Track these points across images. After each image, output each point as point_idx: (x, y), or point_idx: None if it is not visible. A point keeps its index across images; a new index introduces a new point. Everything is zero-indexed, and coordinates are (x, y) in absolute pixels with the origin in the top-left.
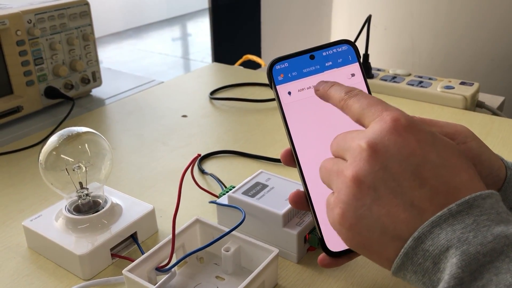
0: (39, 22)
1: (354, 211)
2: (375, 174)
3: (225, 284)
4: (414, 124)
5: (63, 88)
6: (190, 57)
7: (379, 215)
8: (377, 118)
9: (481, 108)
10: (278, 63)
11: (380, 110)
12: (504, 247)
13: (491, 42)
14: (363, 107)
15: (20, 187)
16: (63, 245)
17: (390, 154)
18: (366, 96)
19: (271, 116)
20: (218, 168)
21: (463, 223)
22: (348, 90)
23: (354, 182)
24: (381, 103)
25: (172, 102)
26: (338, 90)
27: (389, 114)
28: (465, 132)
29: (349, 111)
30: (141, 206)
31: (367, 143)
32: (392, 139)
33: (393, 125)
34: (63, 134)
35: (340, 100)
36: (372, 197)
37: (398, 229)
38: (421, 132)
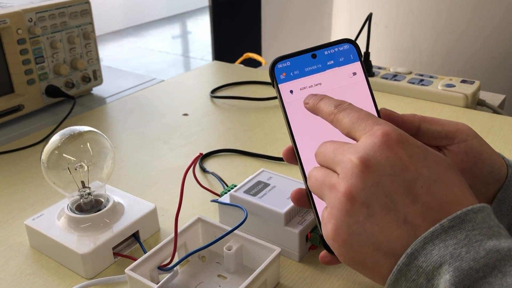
0: (40, 20)
1: (347, 227)
2: (368, 190)
3: (227, 282)
4: (405, 139)
5: (64, 86)
6: (190, 55)
7: (372, 232)
8: (368, 133)
9: (482, 106)
10: (280, 62)
11: (371, 124)
12: (497, 262)
13: (492, 40)
14: (353, 121)
15: (21, 186)
16: (66, 244)
17: (383, 170)
18: (356, 110)
19: (272, 114)
20: (220, 166)
21: (455, 239)
22: (337, 103)
23: (347, 198)
24: (372, 117)
25: (173, 100)
26: (327, 104)
27: (380, 129)
28: (466, 130)
29: (339, 125)
30: (143, 205)
31: (359, 159)
32: (384, 154)
33: (385, 139)
34: (65, 133)
35: (329, 114)
36: (365, 214)
37: (392, 246)
38: (412, 147)
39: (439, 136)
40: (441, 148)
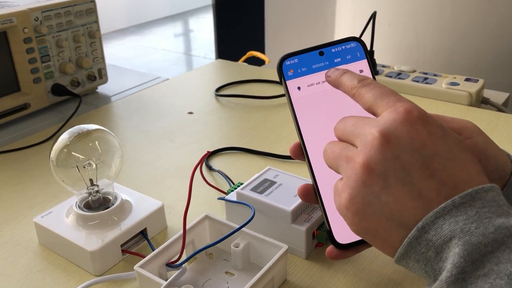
0: (46, 19)
1: (362, 197)
2: (386, 162)
3: (235, 279)
4: (426, 117)
5: (70, 85)
6: (193, 53)
7: (386, 202)
8: (390, 108)
9: (486, 104)
10: (288, 59)
11: (394, 100)
12: (505, 238)
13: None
14: (376, 96)
15: (29, 184)
16: (74, 241)
17: (402, 144)
18: (379, 86)
19: (276, 112)
20: (226, 165)
21: (465, 215)
22: (361, 78)
23: (365, 169)
24: (394, 93)
25: (177, 99)
26: (350, 78)
27: (403, 105)
28: (471, 128)
29: (361, 99)
30: (150, 202)
31: (379, 132)
32: (404, 129)
33: (406, 116)
34: (73, 131)
35: (352, 88)
36: (382, 185)
37: (405, 217)
38: (432, 125)
39: None
40: None
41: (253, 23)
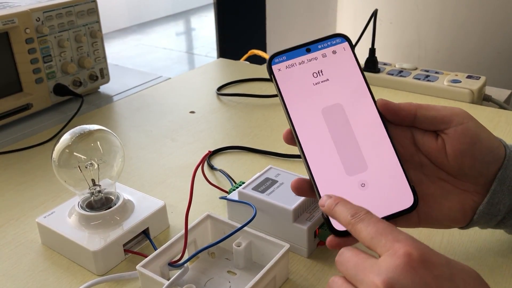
0: (48, 20)
1: None
2: None
3: (237, 278)
4: (428, 258)
5: (72, 85)
6: (195, 52)
7: None
8: (389, 251)
9: (488, 101)
10: (277, 57)
11: (391, 241)
12: None
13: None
14: (371, 236)
15: (32, 184)
16: (77, 241)
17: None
18: (373, 222)
19: (278, 111)
20: (227, 163)
21: None
22: (353, 212)
23: None
24: (391, 231)
25: (179, 98)
26: (344, 213)
27: (401, 247)
28: (462, 114)
29: (357, 236)
30: (152, 202)
31: (382, 282)
32: (408, 277)
33: (407, 260)
34: (75, 132)
35: (347, 224)
36: None
37: None
38: (436, 266)
39: (436, 121)
40: (439, 133)
41: (254, 21)
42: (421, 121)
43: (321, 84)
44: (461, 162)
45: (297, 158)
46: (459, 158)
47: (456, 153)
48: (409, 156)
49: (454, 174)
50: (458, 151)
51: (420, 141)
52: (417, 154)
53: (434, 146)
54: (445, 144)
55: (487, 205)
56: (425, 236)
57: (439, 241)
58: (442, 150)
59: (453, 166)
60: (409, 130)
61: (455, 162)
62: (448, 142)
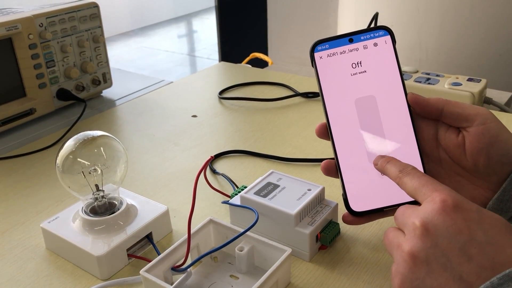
0: (51, 25)
1: (411, 282)
2: (427, 250)
3: (239, 283)
4: (461, 204)
5: (75, 90)
6: (196, 54)
7: (432, 286)
8: (428, 198)
9: (489, 104)
10: (320, 44)
11: (431, 190)
12: None
13: (499, 37)
14: (415, 186)
15: (36, 189)
16: (81, 246)
17: (440, 232)
18: (417, 176)
19: (280, 115)
20: (229, 168)
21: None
22: (401, 168)
23: (410, 257)
24: (431, 183)
25: (181, 102)
26: (393, 168)
27: (438, 196)
28: (485, 114)
29: (404, 188)
30: (155, 207)
31: (420, 222)
32: (441, 219)
33: (442, 205)
34: (79, 138)
35: (395, 177)
36: (426, 271)
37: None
38: (467, 211)
39: (460, 118)
40: (461, 129)
41: (256, 24)
42: (447, 116)
43: (358, 75)
44: (477, 160)
45: (299, 162)
46: (476, 156)
47: (474, 151)
48: (430, 150)
49: (470, 170)
50: (475, 149)
51: (443, 135)
52: (437, 149)
53: (455, 142)
54: (465, 140)
55: (497, 201)
56: None
57: None
58: (461, 146)
59: (469, 162)
60: (434, 125)
61: (471, 159)
62: (468, 139)
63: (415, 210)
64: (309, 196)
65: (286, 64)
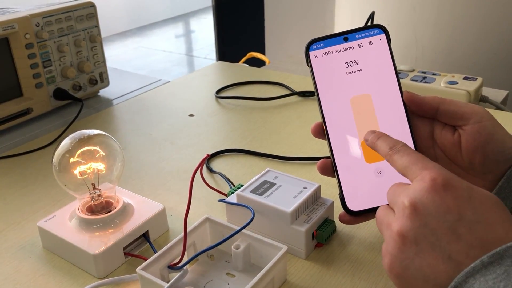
0: (47, 25)
1: (400, 262)
2: (416, 230)
3: (236, 280)
4: (450, 182)
5: (72, 89)
6: (194, 54)
7: (421, 266)
8: (418, 177)
9: (484, 102)
10: (315, 43)
11: (420, 168)
12: None
13: (494, 36)
14: (405, 164)
15: (33, 188)
16: (78, 245)
17: (429, 212)
18: (407, 153)
19: (277, 113)
20: (226, 166)
21: (494, 273)
22: (392, 145)
23: (399, 237)
24: (421, 160)
25: (178, 101)
26: (383, 145)
27: (428, 174)
28: (481, 113)
29: (394, 165)
30: (152, 205)
31: (409, 201)
32: (430, 197)
33: (431, 184)
34: (75, 137)
35: (385, 154)
36: (415, 251)
37: (438, 279)
38: (457, 190)
39: (456, 117)
40: (457, 128)
41: (253, 24)
42: (443, 114)
43: (354, 74)
44: (473, 158)
45: (295, 161)
46: (471, 154)
47: (469, 149)
48: (426, 149)
49: (465, 168)
50: (471, 147)
51: (439, 134)
52: (433, 147)
53: (451, 140)
54: (461, 139)
55: None
56: None
57: None
58: (457, 144)
59: (465, 160)
60: (429, 123)
61: (467, 157)
62: (463, 138)
63: (405, 189)
64: (305, 194)
65: (283, 63)
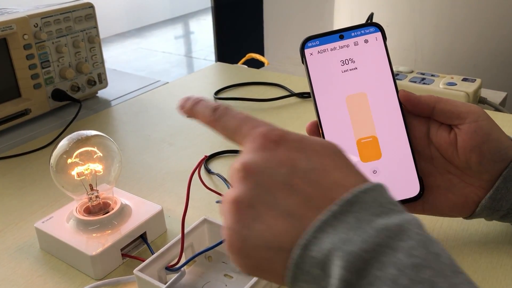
0: (46, 25)
1: (238, 234)
2: (249, 192)
3: (234, 282)
4: (282, 136)
5: (70, 90)
6: (193, 55)
7: (260, 231)
8: (248, 137)
9: (483, 104)
10: (310, 40)
11: (250, 128)
12: (387, 239)
13: (493, 37)
14: (234, 127)
15: (31, 189)
16: (75, 246)
17: (260, 169)
18: (233, 115)
19: (275, 115)
20: (224, 167)
21: (345, 223)
22: (214, 108)
23: (233, 204)
24: (250, 120)
25: (177, 102)
26: (204, 109)
27: (258, 132)
28: (477, 112)
29: (221, 132)
30: (149, 206)
31: (240, 165)
32: (261, 155)
33: (262, 141)
34: (73, 137)
35: (209, 121)
36: (252, 216)
37: (281, 241)
38: (289, 142)
39: (452, 116)
40: (453, 127)
41: (252, 25)
42: (439, 114)
43: (349, 72)
44: (469, 157)
45: None
46: (467, 154)
47: (465, 149)
48: (422, 148)
49: (461, 168)
50: (467, 147)
51: (435, 133)
52: (429, 147)
53: (447, 139)
54: (457, 138)
55: (490, 200)
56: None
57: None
58: (453, 143)
59: (461, 160)
60: (425, 122)
61: (463, 156)
62: (460, 137)
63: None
64: None
65: (282, 64)
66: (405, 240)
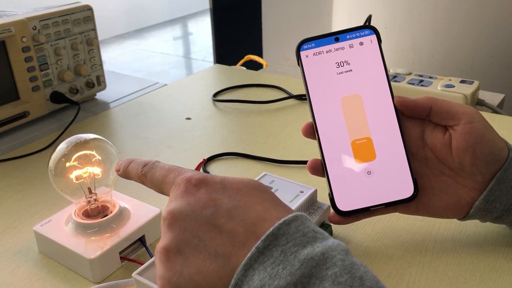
0: (44, 28)
1: (170, 282)
2: (177, 238)
3: None
4: (204, 180)
5: (68, 92)
6: (192, 56)
7: (190, 276)
8: (173, 186)
9: (481, 106)
10: (306, 43)
11: (174, 176)
12: (312, 269)
13: (491, 39)
14: (160, 179)
15: (29, 192)
16: (74, 249)
17: (185, 214)
18: (160, 167)
19: (274, 117)
20: (223, 170)
21: (272, 257)
22: (144, 164)
23: (162, 253)
24: (175, 169)
25: (176, 104)
26: (135, 167)
27: (181, 178)
28: (472, 113)
29: (149, 185)
30: (148, 209)
31: (166, 213)
32: (185, 200)
33: (185, 187)
34: (71, 141)
35: (139, 176)
36: (181, 262)
37: (212, 282)
38: (211, 184)
39: (448, 117)
40: (448, 128)
41: (250, 26)
42: (435, 115)
43: (344, 74)
44: (463, 159)
45: (292, 164)
46: (462, 155)
47: (459, 150)
48: (416, 149)
49: (455, 169)
50: (461, 148)
51: (429, 134)
52: (423, 148)
53: (441, 140)
54: (451, 139)
55: (483, 202)
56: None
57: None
58: (447, 144)
59: (455, 161)
60: (420, 124)
61: (457, 157)
62: (454, 138)
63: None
64: (301, 198)
65: (281, 66)
66: (330, 267)
